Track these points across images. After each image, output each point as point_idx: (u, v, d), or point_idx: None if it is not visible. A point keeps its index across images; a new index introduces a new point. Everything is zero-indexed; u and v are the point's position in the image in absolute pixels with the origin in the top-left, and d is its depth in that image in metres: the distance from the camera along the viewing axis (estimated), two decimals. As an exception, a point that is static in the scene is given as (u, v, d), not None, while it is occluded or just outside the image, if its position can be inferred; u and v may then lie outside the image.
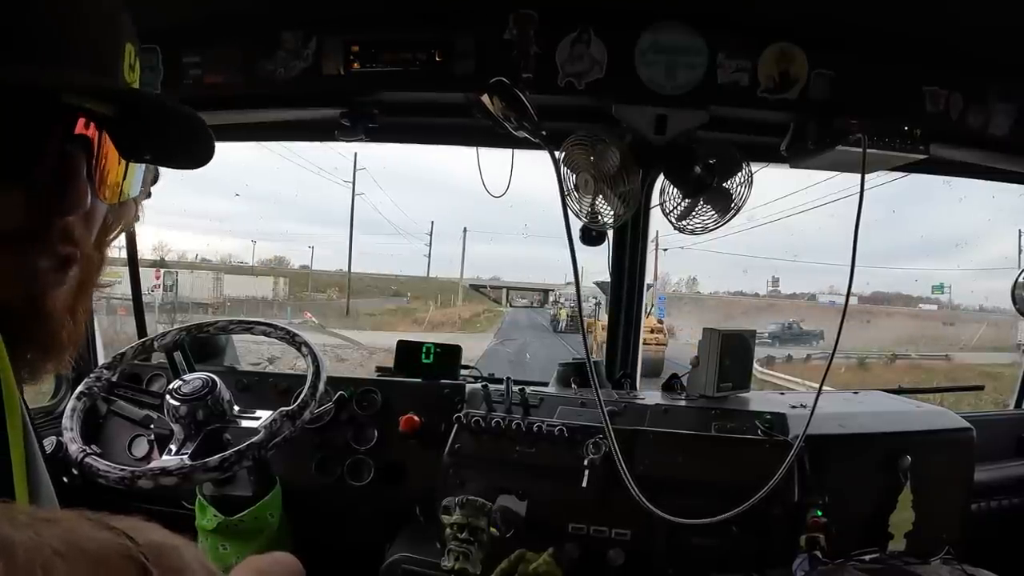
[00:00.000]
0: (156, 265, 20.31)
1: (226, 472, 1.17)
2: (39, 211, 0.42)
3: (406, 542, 1.34)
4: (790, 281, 49.57)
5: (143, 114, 0.46)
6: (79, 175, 0.43)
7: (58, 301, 0.45)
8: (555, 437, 1.31)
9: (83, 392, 1.31)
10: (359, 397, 1.52)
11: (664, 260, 20.75)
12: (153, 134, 0.48)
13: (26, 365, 0.45)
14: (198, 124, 0.48)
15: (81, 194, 0.43)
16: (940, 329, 24.96)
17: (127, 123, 0.46)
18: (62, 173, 0.42)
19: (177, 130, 0.48)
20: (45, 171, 0.42)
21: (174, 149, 0.51)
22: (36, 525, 0.26)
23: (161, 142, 0.49)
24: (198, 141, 0.50)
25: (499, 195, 1.66)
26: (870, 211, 1.37)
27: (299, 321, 17.59)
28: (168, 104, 0.46)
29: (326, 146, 24.06)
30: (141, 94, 0.47)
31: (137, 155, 0.49)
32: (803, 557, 1.17)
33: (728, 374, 1.43)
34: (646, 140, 1.37)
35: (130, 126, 0.46)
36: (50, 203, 0.42)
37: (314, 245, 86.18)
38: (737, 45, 1.33)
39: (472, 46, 1.32)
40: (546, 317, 28.44)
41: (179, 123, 0.48)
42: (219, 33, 1.36)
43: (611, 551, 1.25)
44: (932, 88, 1.37)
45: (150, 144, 0.49)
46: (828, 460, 1.27)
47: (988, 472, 1.54)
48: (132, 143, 0.48)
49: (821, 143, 1.36)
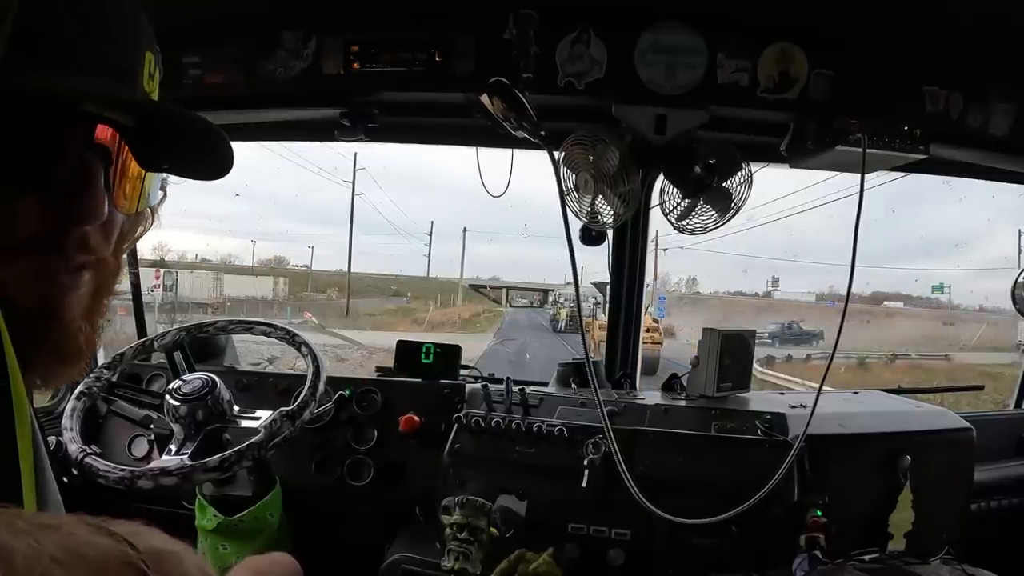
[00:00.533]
0: (156, 265, 20.27)
1: (226, 472, 1.17)
2: (56, 219, 0.42)
3: (406, 542, 1.34)
4: (790, 281, 49.62)
5: (162, 124, 0.46)
6: (97, 184, 0.43)
7: (75, 308, 0.45)
8: (555, 437, 1.31)
9: (83, 392, 1.30)
10: (359, 397, 1.52)
11: (664, 260, 20.75)
12: (171, 144, 0.48)
13: (40, 372, 0.45)
14: (216, 135, 0.48)
15: (98, 203, 0.44)
16: (940, 329, 24.97)
17: (146, 132, 0.46)
18: (80, 181, 0.42)
19: (196, 140, 0.48)
20: (63, 178, 0.42)
21: (192, 159, 0.51)
22: (35, 532, 0.26)
23: (179, 152, 0.49)
24: (216, 151, 0.50)
25: (499, 195, 1.66)
26: (870, 211, 1.37)
27: (299, 321, 17.58)
28: (187, 115, 0.46)
29: (326, 146, 24.05)
30: (160, 105, 0.48)
31: (155, 164, 0.49)
32: (803, 557, 1.17)
33: (728, 374, 1.43)
34: (646, 140, 1.37)
35: (149, 135, 0.46)
36: (67, 211, 0.42)
37: (314, 245, 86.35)
38: (737, 45, 1.33)
39: (472, 46, 1.32)
40: (546, 317, 28.44)
41: (197, 133, 0.48)
42: (219, 33, 1.37)
43: (611, 551, 1.25)
44: (932, 88, 1.37)
45: (168, 154, 0.49)
46: (828, 460, 1.27)
47: (988, 472, 1.54)
48: (150, 152, 0.48)
49: (821, 143, 1.36)
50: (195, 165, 0.51)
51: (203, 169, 0.51)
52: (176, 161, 0.50)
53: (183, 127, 0.47)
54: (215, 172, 0.51)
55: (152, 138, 0.47)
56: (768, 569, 1.21)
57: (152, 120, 0.46)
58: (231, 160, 0.50)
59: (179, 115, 0.47)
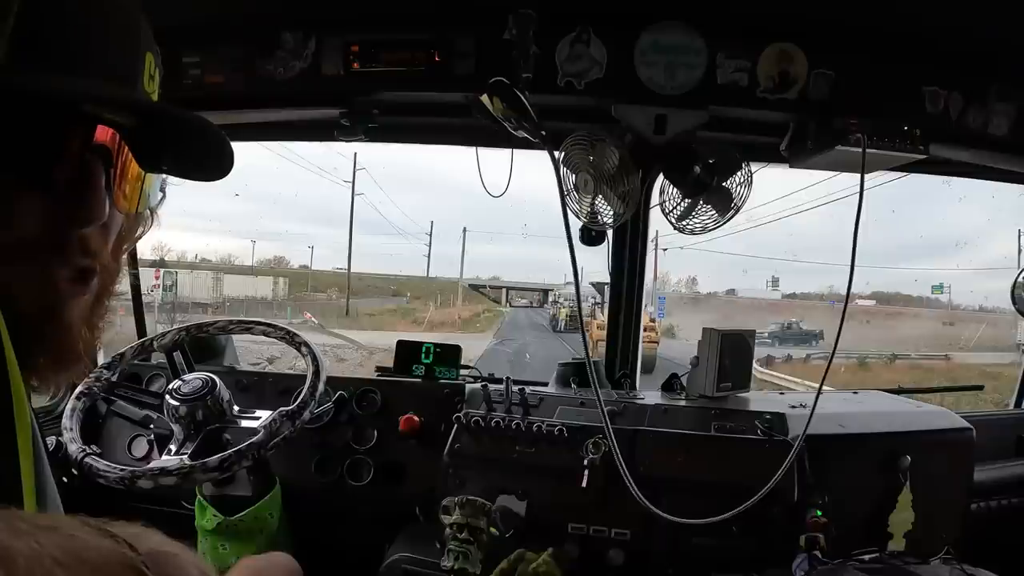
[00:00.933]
0: (156, 265, 20.28)
1: (226, 472, 1.16)
2: (57, 221, 0.42)
3: (406, 542, 1.34)
4: (790, 281, 49.63)
5: (162, 125, 0.46)
6: (98, 184, 0.43)
7: (75, 312, 0.45)
8: (555, 437, 1.31)
9: (83, 392, 1.30)
10: (359, 397, 1.52)
11: (664, 260, 20.78)
12: (171, 144, 0.48)
13: (38, 375, 0.45)
14: (216, 136, 0.48)
15: (100, 204, 0.43)
16: (940, 328, 24.98)
17: (146, 133, 0.46)
18: (81, 182, 0.42)
19: (196, 141, 0.48)
20: (64, 179, 0.42)
21: (193, 160, 0.50)
22: (36, 533, 0.26)
23: (179, 153, 0.49)
24: (216, 152, 0.49)
25: (499, 195, 1.66)
26: (870, 211, 1.37)
27: (299, 321, 17.60)
28: (187, 116, 0.46)
29: (326, 146, 24.06)
30: (161, 105, 0.47)
31: (156, 166, 0.49)
32: (803, 557, 1.17)
33: (728, 374, 1.43)
34: (646, 140, 1.37)
35: (149, 136, 0.46)
36: (68, 213, 0.42)
37: (313, 245, 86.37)
38: (737, 45, 1.33)
39: (472, 46, 1.32)
40: (545, 317, 28.49)
41: (198, 134, 0.48)
42: (219, 33, 1.36)
43: (611, 551, 1.25)
44: (932, 88, 1.37)
45: (168, 155, 0.49)
46: (828, 460, 1.27)
47: (988, 472, 1.54)
48: (151, 153, 0.47)
49: (821, 143, 1.36)
50: (195, 166, 0.51)
51: (203, 170, 0.51)
52: (176, 162, 0.50)
53: (183, 128, 0.47)
54: (216, 173, 0.51)
55: (153, 139, 0.46)
56: (768, 569, 1.21)
57: (152, 121, 0.46)
58: (231, 161, 0.50)
59: (179, 116, 0.46)
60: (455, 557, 1.17)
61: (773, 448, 1.24)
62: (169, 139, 0.47)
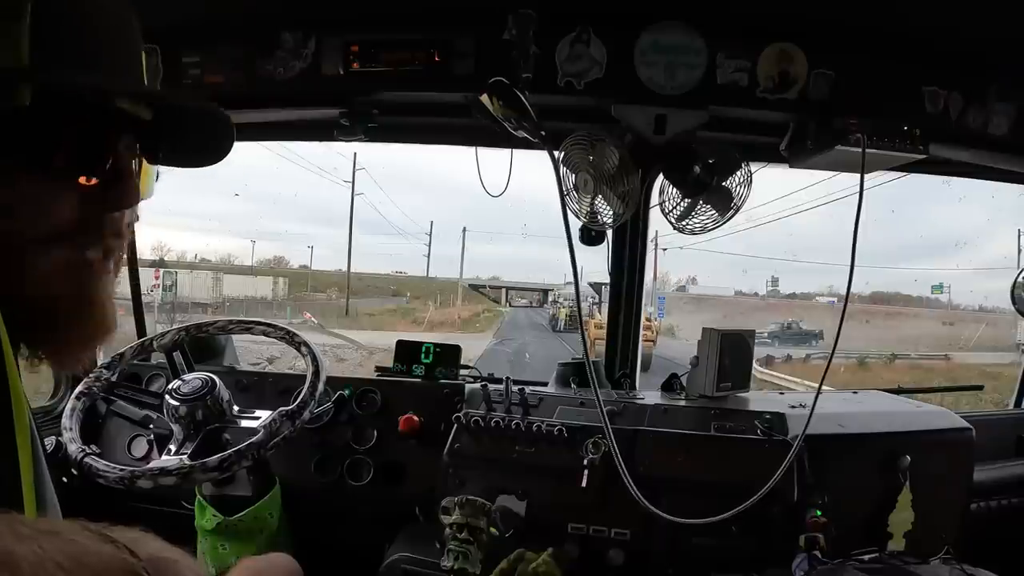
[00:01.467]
0: (155, 265, 20.31)
1: (225, 472, 1.16)
2: (93, 208, 0.46)
3: (406, 542, 1.34)
4: (790, 281, 49.67)
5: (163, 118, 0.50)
6: (131, 173, 0.48)
7: (108, 289, 0.50)
8: (555, 437, 1.31)
9: (82, 392, 1.30)
10: (359, 397, 1.52)
11: (664, 260, 20.79)
12: (167, 136, 0.52)
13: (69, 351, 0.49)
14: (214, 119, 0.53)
15: (133, 190, 0.48)
16: (939, 328, 24.99)
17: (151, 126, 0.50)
18: (116, 171, 0.47)
19: (194, 133, 0.53)
20: (105, 169, 0.46)
21: (186, 150, 0.55)
22: (39, 538, 0.26)
23: (175, 144, 0.53)
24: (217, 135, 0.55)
25: (498, 195, 1.66)
26: (870, 211, 1.37)
27: (299, 321, 17.58)
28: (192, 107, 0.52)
29: (326, 146, 24.04)
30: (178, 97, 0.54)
31: (155, 156, 0.53)
32: (803, 557, 1.17)
33: (727, 374, 1.43)
34: (646, 140, 1.37)
35: (153, 129, 0.50)
36: (104, 200, 0.46)
37: (313, 245, 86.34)
38: (737, 45, 1.33)
39: (471, 46, 1.32)
40: (545, 317, 28.46)
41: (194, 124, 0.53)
42: (219, 33, 1.36)
43: (611, 551, 1.25)
44: (931, 88, 1.37)
45: (166, 146, 0.53)
46: (828, 460, 1.27)
47: (987, 472, 1.54)
48: (154, 145, 0.52)
49: (821, 143, 1.36)
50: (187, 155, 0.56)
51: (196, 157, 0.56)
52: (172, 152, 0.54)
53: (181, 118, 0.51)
54: (214, 157, 0.56)
55: (156, 131, 0.50)
56: (768, 569, 1.21)
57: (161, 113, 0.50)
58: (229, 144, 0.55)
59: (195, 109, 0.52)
60: (455, 557, 1.17)
61: (773, 448, 1.24)
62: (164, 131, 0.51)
